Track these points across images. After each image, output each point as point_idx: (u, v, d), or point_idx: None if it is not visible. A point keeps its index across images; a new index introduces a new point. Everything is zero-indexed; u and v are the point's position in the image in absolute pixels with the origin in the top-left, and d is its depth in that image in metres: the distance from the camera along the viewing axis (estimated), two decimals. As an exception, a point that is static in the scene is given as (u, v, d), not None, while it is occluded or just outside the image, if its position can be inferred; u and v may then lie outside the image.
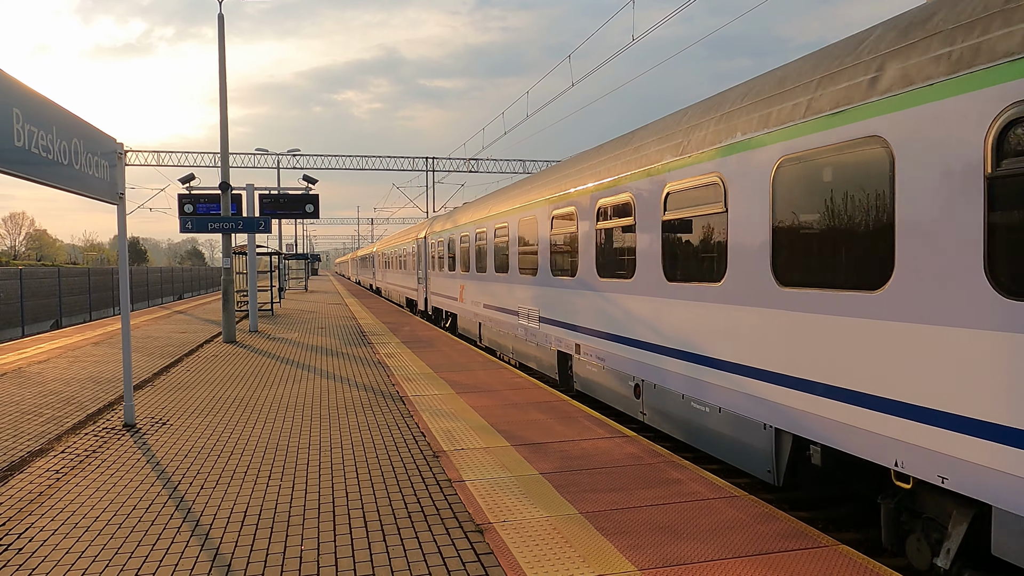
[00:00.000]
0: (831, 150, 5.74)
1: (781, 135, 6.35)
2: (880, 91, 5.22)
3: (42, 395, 11.35)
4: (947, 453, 4.62)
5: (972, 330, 4.48)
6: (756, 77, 7.45)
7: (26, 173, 6.37)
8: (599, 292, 10.24)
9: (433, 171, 51.82)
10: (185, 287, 68.36)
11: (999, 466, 4.28)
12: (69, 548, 5.33)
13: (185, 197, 20.65)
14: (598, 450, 7.71)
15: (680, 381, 8.04)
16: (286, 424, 9.21)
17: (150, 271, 59.24)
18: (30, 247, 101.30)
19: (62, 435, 8.75)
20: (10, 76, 6.11)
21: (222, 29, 19.28)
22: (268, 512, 6.01)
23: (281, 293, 37.64)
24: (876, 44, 5.46)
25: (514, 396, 10.81)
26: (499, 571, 4.80)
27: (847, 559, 4.91)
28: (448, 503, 6.15)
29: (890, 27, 5.45)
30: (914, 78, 4.93)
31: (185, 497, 6.45)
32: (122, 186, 9.20)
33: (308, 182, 22.67)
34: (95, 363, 15.04)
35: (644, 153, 9.01)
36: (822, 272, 5.83)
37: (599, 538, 5.32)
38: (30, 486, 6.82)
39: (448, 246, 22.02)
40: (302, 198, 22.26)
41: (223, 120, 19.46)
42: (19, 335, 32.18)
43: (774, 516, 5.73)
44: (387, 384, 12.06)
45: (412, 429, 8.83)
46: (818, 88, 5.97)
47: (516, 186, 16.21)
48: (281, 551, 5.20)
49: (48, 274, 39.45)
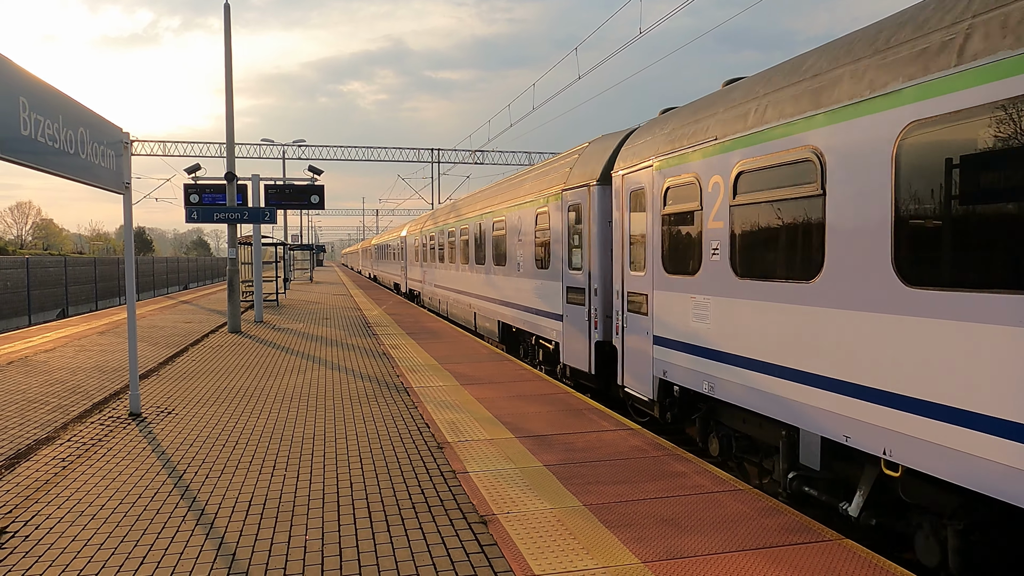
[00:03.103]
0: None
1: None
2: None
3: (48, 384, 11.40)
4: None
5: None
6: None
7: (33, 162, 6.38)
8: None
9: (438, 163, 51.77)
10: (190, 277, 68.57)
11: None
12: (75, 536, 5.36)
13: (191, 187, 20.68)
14: (602, 442, 7.72)
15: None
16: (291, 414, 9.23)
17: (156, 261, 59.42)
18: (36, 236, 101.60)
19: (68, 423, 8.79)
20: (17, 65, 6.11)
21: (228, 19, 19.25)
22: (273, 501, 6.04)
23: (286, 284, 37.71)
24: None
25: (519, 388, 10.82)
26: (503, 562, 4.81)
27: (851, 553, 4.90)
28: (452, 494, 6.17)
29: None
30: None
31: (190, 486, 6.47)
32: (128, 176, 9.20)
33: (314, 173, 22.67)
34: (101, 352, 15.10)
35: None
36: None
37: (603, 530, 5.32)
38: (36, 474, 6.85)
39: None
40: (307, 189, 22.27)
41: (229, 111, 19.45)
42: (26, 324, 32.33)
43: (778, 510, 5.72)
44: (392, 375, 12.08)
45: (416, 420, 8.85)
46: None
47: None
48: (285, 540, 5.22)
49: (54, 263, 39.61)
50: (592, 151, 11.66)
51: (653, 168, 8.82)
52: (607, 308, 10.47)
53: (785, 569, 4.68)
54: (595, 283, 10.73)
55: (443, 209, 26.83)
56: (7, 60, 5.93)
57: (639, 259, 9.22)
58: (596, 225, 10.72)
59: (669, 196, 8.49)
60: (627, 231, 9.58)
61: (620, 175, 9.80)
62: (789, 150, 6.31)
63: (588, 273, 10.89)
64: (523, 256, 14.45)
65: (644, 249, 8.98)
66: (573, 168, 12.01)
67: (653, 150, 8.92)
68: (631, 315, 9.42)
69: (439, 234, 25.26)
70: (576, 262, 11.41)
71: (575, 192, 11.50)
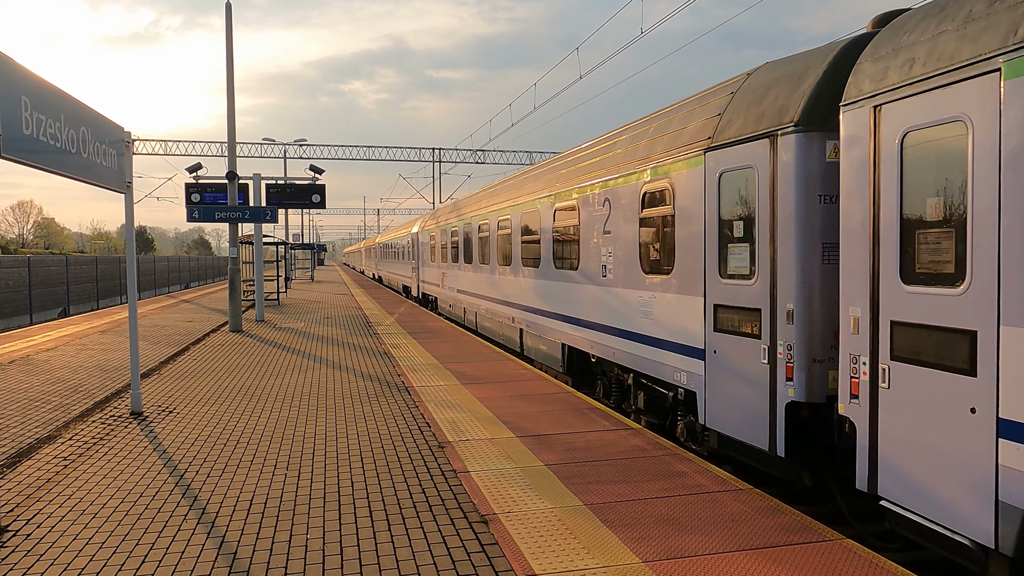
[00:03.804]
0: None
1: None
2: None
3: (50, 382, 11.42)
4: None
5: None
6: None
7: (34, 161, 6.38)
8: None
9: (440, 162, 51.79)
10: (192, 276, 68.61)
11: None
12: (76, 535, 5.37)
13: (192, 186, 20.70)
14: (603, 442, 7.72)
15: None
16: (292, 413, 9.24)
17: (157, 260, 59.45)
18: (38, 235, 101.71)
19: (70, 422, 8.80)
20: (19, 64, 6.11)
21: (229, 18, 19.26)
22: (274, 501, 6.04)
23: (287, 283, 37.73)
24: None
25: (519, 387, 10.82)
26: (503, 561, 4.82)
27: (851, 553, 4.90)
28: (453, 493, 6.17)
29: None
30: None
31: (192, 485, 6.48)
32: (129, 175, 9.21)
33: (315, 172, 22.69)
34: (102, 351, 15.11)
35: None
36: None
37: (603, 530, 5.33)
38: (38, 472, 6.86)
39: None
40: (309, 188, 22.29)
41: (230, 110, 19.46)
42: (27, 323, 32.36)
43: (779, 509, 5.73)
44: (393, 374, 12.08)
45: (417, 419, 8.85)
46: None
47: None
48: (287, 539, 5.23)
49: (56, 262, 39.64)
50: (768, 78, 7.12)
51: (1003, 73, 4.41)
52: (817, 346, 6.27)
53: (786, 569, 4.68)
54: (790, 302, 6.36)
55: (469, 199, 21.88)
56: (9, 60, 5.93)
57: (944, 262, 4.87)
58: (796, 203, 6.33)
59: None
60: (896, 210, 5.20)
61: (876, 104, 5.37)
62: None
63: (771, 284, 6.56)
64: (614, 256, 9.94)
65: (967, 244, 4.65)
66: (727, 111, 7.46)
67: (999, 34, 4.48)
68: (913, 369, 5.07)
69: (464, 229, 20.37)
70: (738, 266, 7.12)
71: (737, 151, 7.04)
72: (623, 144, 10.07)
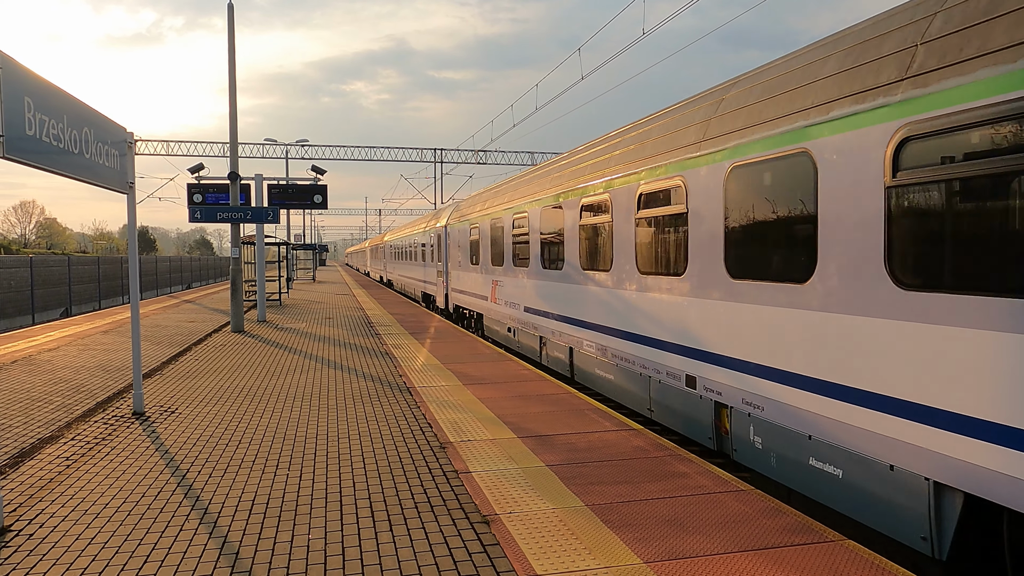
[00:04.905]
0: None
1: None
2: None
3: (52, 382, 11.43)
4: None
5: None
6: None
7: (37, 162, 6.39)
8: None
9: (441, 163, 51.82)
10: (194, 276, 68.68)
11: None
12: (78, 535, 5.38)
13: (194, 187, 20.74)
14: (604, 443, 7.72)
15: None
16: (294, 413, 9.25)
17: (159, 260, 59.52)
18: (40, 235, 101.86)
19: (72, 422, 8.81)
20: (22, 65, 6.12)
21: (232, 19, 19.28)
22: (276, 501, 6.05)
23: (289, 283, 37.75)
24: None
25: (521, 388, 10.82)
26: (505, 562, 4.82)
27: (853, 554, 4.90)
28: (454, 494, 6.18)
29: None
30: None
31: (194, 485, 6.49)
32: (132, 175, 9.22)
33: (316, 173, 22.73)
34: (105, 351, 15.13)
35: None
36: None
37: (605, 530, 5.33)
38: (40, 472, 6.88)
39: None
40: (310, 188, 22.30)
41: (232, 110, 19.48)
42: (29, 323, 32.42)
43: (780, 510, 5.73)
44: (394, 375, 12.09)
45: (419, 420, 8.86)
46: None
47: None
48: (288, 539, 5.24)
49: (58, 262, 39.69)
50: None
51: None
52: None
53: (787, 570, 4.68)
54: None
55: (538, 173, 14.48)
56: (12, 60, 5.94)
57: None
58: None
59: None
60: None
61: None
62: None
63: None
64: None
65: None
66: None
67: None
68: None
69: (546, 216, 12.97)
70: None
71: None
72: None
